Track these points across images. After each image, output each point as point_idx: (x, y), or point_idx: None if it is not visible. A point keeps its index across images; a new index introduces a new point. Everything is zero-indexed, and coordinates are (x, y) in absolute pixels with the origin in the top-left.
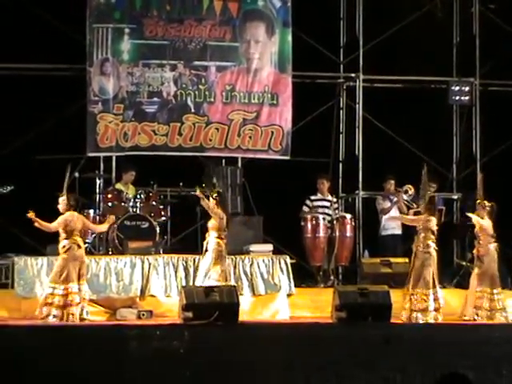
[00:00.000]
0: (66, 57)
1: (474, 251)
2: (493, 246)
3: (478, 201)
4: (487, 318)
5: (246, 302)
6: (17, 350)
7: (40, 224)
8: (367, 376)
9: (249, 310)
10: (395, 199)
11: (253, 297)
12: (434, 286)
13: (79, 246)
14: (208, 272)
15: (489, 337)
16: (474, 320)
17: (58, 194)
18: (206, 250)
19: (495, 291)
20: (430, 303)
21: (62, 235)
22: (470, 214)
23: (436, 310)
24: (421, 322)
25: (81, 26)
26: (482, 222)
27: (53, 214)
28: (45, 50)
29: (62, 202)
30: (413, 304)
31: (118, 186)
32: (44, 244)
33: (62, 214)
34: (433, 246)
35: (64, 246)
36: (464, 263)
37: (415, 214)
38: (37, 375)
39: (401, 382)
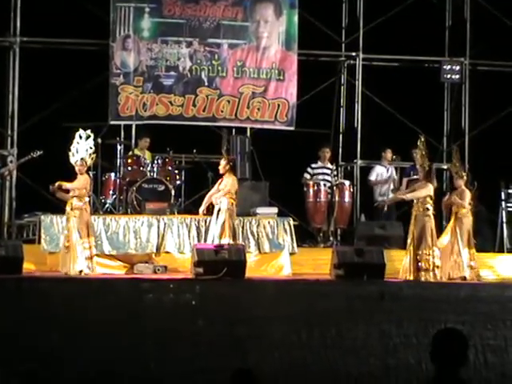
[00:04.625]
0: (92, 33)
1: (453, 214)
2: (465, 211)
3: (456, 171)
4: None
5: (252, 259)
6: (43, 299)
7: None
8: (364, 328)
9: (255, 266)
10: (392, 172)
11: (259, 255)
12: (433, 246)
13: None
14: (223, 230)
15: (476, 295)
16: (465, 278)
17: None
18: (219, 210)
19: (467, 250)
20: (430, 262)
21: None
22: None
23: (434, 268)
24: (422, 279)
25: (105, 5)
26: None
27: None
28: (72, 26)
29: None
30: (417, 264)
31: (136, 152)
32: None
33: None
34: (431, 209)
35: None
36: None
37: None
38: (60, 322)
39: (396, 334)
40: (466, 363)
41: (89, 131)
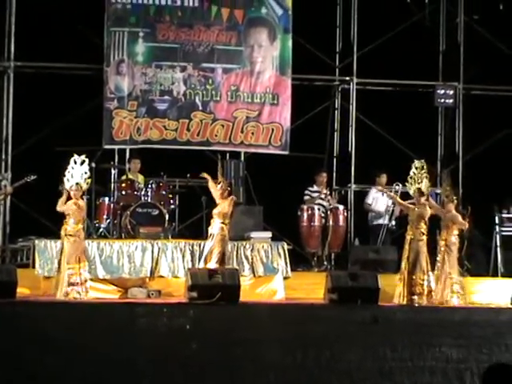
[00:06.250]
0: (86, 58)
1: (442, 240)
2: (455, 238)
3: (446, 194)
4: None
5: (246, 282)
6: (37, 323)
7: None
8: (359, 351)
9: (249, 289)
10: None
11: (253, 278)
12: (428, 271)
13: None
14: (210, 255)
15: (470, 319)
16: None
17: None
18: (211, 235)
19: (456, 277)
20: (425, 287)
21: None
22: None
23: (428, 293)
24: (416, 304)
25: (99, 30)
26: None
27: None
28: (66, 51)
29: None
30: (411, 288)
31: (129, 176)
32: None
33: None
34: (425, 233)
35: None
36: None
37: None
38: (54, 346)
39: (391, 358)
40: None
41: (83, 156)
